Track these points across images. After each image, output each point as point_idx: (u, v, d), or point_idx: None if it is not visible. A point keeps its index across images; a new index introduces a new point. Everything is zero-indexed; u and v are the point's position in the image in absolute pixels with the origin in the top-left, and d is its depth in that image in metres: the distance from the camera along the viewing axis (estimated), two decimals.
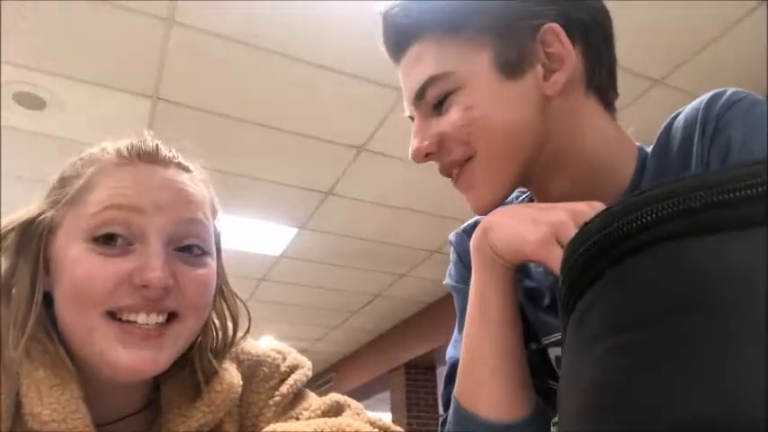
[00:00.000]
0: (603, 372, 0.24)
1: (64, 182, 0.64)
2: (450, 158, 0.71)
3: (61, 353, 0.58)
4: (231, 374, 0.66)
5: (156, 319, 0.58)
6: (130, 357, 0.56)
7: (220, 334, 0.69)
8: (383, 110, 3.10)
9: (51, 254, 0.60)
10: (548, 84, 0.68)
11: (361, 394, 7.31)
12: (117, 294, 0.57)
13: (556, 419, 0.67)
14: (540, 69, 0.67)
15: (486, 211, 0.72)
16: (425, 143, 0.71)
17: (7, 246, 0.61)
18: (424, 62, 0.69)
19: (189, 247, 0.62)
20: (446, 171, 0.74)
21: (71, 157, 0.66)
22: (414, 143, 0.72)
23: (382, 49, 0.77)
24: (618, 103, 0.76)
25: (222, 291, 0.70)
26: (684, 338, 0.22)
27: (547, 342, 0.76)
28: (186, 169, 0.67)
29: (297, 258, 4.92)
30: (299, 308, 5.99)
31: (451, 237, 0.91)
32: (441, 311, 5.79)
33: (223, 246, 0.70)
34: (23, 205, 0.65)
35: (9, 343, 0.56)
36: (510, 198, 0.86)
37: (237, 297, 0.72)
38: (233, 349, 0.70)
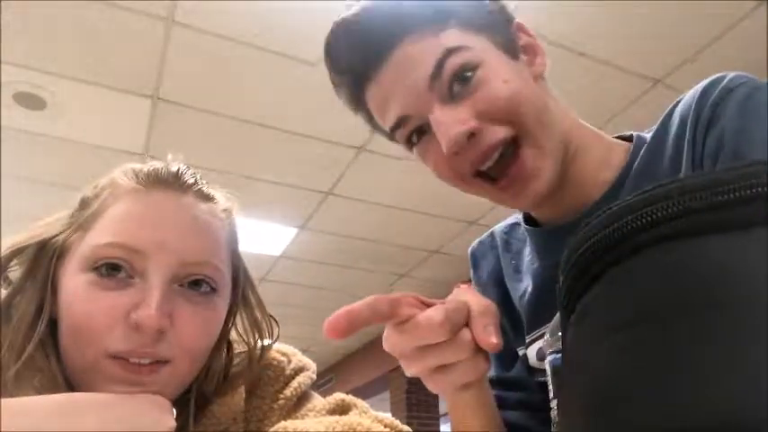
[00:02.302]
0: (603, 372, 0.24)
1: (83, 204, 0.62)
2: (496, 139, 0.63)
3: (56, 373, 0.57)
4: (234, 391, 0.65)
5: (148, 360, 0.56)
6: (117, 390, 0.55)
7: (239, 349, 0.68)
8: None
9: (59, 279, 0.59)
10: (534, 67, 0.69)
11: (361, 394, 7.24)
12: (112, 334, 0.55)
13: (557, 420, 0.67)
14: (523, 56, 0.69)
15: (538, 201, 0.67)
16: (468, 125, 0.62)
17: (21, 262, 0.60)
18: (431, 43, 0.63)
19: (197, 282, 0.59)
20: (483, 160, 0.64)
21: (70, 157, 0.64)
22: (452, 129, 0.62)
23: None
24: (618, 104, 0.77)
25: (253, 312, 0.69)
26: (684, 339, 0.21)
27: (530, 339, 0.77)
28: (206, 198, 0.63)
29: (297, 258, 4.92)
30: (298, 308, 5.99)
31: (469, 250, 0.90)
32: None
33: None
34: (23, 205, 0.63)
35: (5, 357, 0.55)
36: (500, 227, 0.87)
37: (273, 319, 0.71)
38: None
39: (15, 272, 0.60)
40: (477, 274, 0.87)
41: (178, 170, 0.62)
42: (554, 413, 0.72)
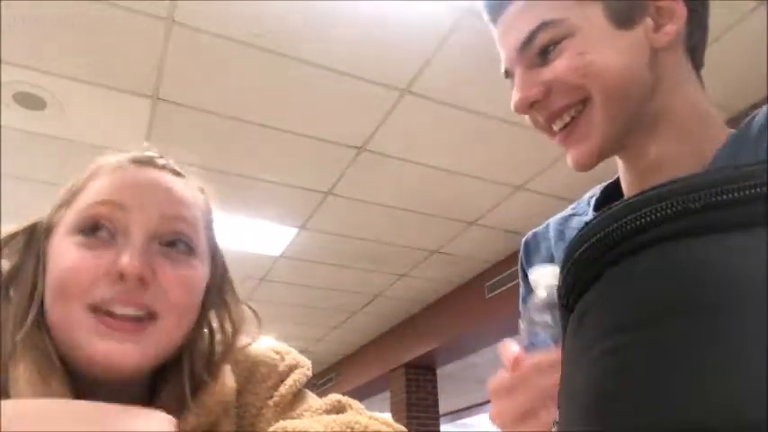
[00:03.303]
0: (602, 372, 0.24)
1: (68, 189, 0.66)
2: (563, 103, 0.71)
3: (50, 349, 0.58)
4: (224, 377, 0.66)
5: (133, 311, 0.58)
6: (106, 349, 0.56)
7: (218, 338, 0.68)
8: (383, 110, 3.09)
9: (48, 253, 0.62)
10: (658, 35, 0.69)
11: (361, 394, 7.31)
12: (96, 287, 0.57)
13: (556, 419, 0.67)
14: (649, 21, 0.69)
15: (591, 165, 0.72)
16: (534, 90, 0.71)
17: (15, 248, 0.63)
18: (534, 9, 0.70)
19: (174, 243, 0.62)
20: (553, 118, 0.72)
21: (70, 157, 0.67)
22: (519, 92, 0.72)
23: (390, 52, 0.77)
24: None
25: (224, 296, 0.70)
26: (684, 340, 0.21)
27: None
28: (180, 175, 0.68)
29: (297, 258, 4.92)
30: (298, 308, 5.99)
31: (523, 240, 0.91)
32: (440, 312, 5.78)
33: (223, 246, 0.70)
34: (23, 205, 0.66)
35: (5, 338, 0.58)
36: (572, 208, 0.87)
37: (247, 305, 0.71)
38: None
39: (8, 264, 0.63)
40: (528, 265, 0.89)
41: (152, 155, 0.68)
42: None
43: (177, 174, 0.68)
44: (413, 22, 2.56)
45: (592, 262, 0.26)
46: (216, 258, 0.70)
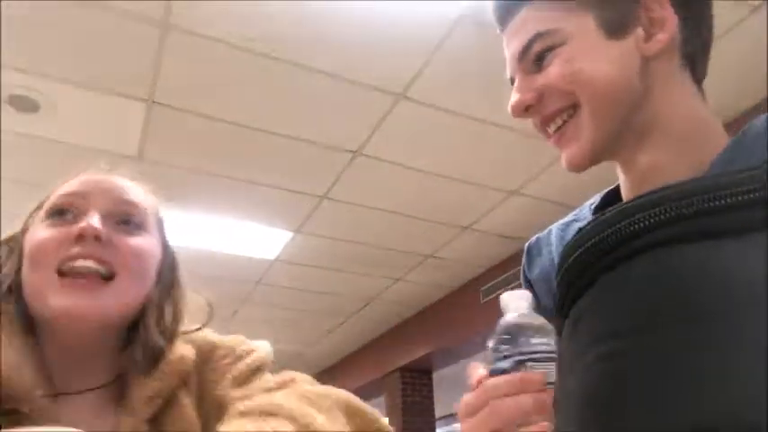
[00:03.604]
0: (597, 377, 0.24)
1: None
2: (554, 107, 0.74)
3: (13, 314, 0.68)
4: (182, 348, 0.75)
5: (93, 264, 0.67)
6: (67, 301, 0.65)
7: (168, 318, 0.77)
8: (379, 114, 3.10)
9: (24, 245, 0.72)
10: (649, 44, 0.71)
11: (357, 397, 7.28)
12: (61, 250, 0.67)
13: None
14: (641, 32, 0.71)
15: (583, 166, 0.75)
16: (528, 95, 0.75)
17: (6, 252, 0.74)
18: (532, 21, 0.74)
19: (127, 222, 0.74)
20: (547, 122, 0.76)
21: (64, 160, 0.73)
22: (515, 97, 0.76)
23: (390, 58, 0.79)
24: None
25: (173, 282, 0.79)
26: (680, 346, 0.21)
27: None
28: (132, 180, 0.80)
29: (292, 262, 4.91)
30: (294, 312, 5.97)
31: (526, 245, 0.92)
32: (436, 315, 5.78)
33: (218, 250, 0.73)
34: (17, 208, 0.76)
35: None
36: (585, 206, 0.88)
37: (199, 293, 0.82)
38: (192, 336, 0.79)
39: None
40: (530, 270, 0.90)
41: (110, 168, 0.80)
42: None
43: (130, 180, 0.80)
44: (408, 26, 2.56)
45: (586, 267, 0.26)
46: (166, 251, 0.80)
